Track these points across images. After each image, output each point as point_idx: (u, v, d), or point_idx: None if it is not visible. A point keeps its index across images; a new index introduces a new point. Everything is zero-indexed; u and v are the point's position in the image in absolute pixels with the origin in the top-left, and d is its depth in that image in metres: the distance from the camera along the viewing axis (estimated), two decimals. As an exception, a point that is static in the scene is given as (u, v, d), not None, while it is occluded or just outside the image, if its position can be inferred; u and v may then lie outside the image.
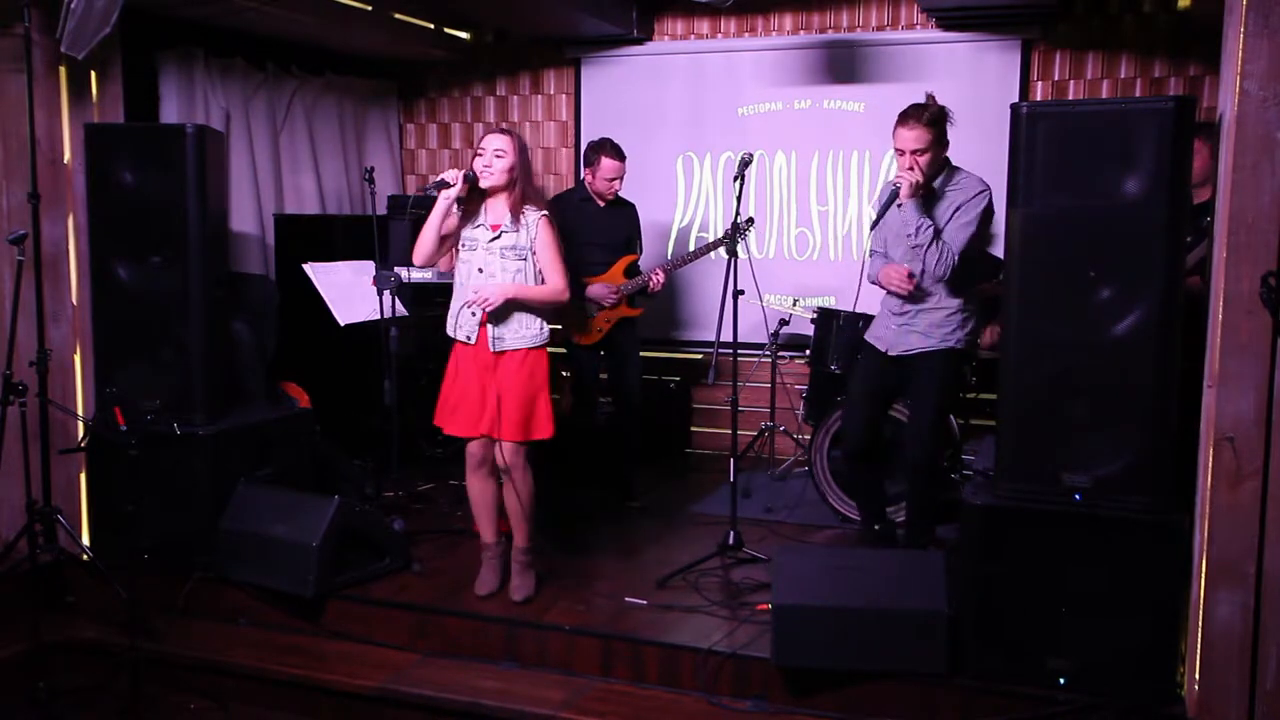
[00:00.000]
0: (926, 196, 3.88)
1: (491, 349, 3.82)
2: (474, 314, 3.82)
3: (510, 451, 3.89)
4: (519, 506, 3.97)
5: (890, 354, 4.05)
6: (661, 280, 5.05)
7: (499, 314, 3.80)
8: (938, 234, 3.82)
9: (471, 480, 4.03)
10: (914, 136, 3.78)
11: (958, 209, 3.86)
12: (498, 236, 3.82)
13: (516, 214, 3.81)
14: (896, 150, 3.84)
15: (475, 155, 3.84)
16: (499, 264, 3.81)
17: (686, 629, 3.76)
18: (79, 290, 4.49)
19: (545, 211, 3.85)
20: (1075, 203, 3.19)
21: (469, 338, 3.85)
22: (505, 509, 4.04)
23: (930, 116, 3.80)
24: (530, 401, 3.84)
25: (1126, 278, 3.16)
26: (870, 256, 4.20)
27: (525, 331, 3.84)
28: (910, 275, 3.91)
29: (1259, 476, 2.92)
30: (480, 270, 3.83)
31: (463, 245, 3.88)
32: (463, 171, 3.82)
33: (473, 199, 3.88)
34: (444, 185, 3.81)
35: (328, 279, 4.86)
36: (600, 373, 5.22)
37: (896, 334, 4.03)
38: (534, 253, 3.82)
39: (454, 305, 3.91)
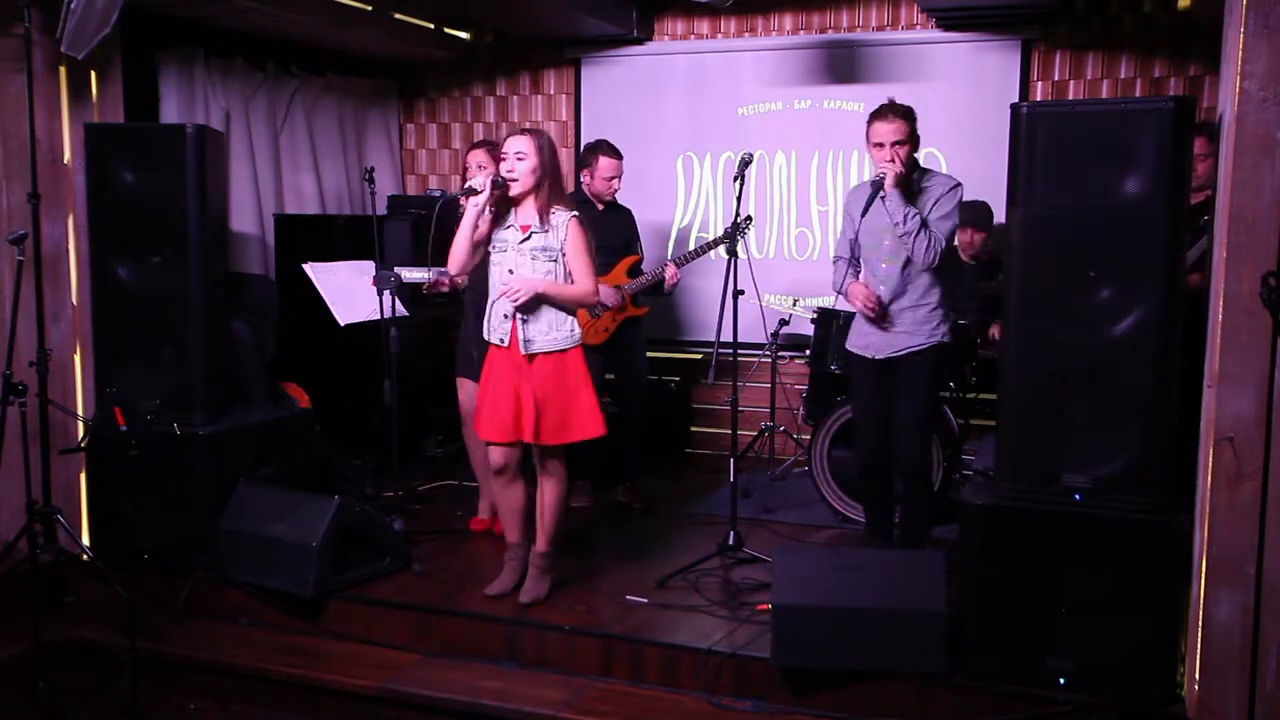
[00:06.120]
0: (906, 189, 3.92)
1: (522, 352, 3.79)
2: (506, 316, 3.79)
3: (546, 456, 3.88)
4: (545, 511, 3.94)
5: (879, 358, 4.05)
6: (677, 275, 5.05)
7: (528, 309, 3.76)
8: (924, 223, 3.84)
9: (496, 484, 4.01)
10: (893, 129, 3.88)
11: (936, 201, 3.92)
12: (528, 238, 3.79)
13: (545, 215, 3.78)
14: (875, 145, 3.92)
15: (499, 160, 3.83)
16: (529, 265, 3.78)
17: (686, 629, 3.76)
18: (79, 290, 4.49)
19: (575, 213, 3.81)
20: (1075, 203, 3.20)
21: (502, 340, 3.83)
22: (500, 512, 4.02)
23: (903, 110, 3.91)
24: (567, 403, 3.80)
25: (1126, 278, 3.16)
26: (835, 262, 4.21)
27: (555, 333, 3.80)
28: (879, 300, 3.98)
29: (1259, 476, 2.92)
30: (511, 272, 3.80)
31: (493, 247, 3.85)
32: (491, 178, 3.80)
33: (506, 199, 3.85)
34: (472, 192, 3.81)
35: (328, 279, 4.85)
36: (605, 373, 5.19)
37: (883, 337, 4.04)
38: (564, 254, 3.79)
39: (488, 308, 3.88)
